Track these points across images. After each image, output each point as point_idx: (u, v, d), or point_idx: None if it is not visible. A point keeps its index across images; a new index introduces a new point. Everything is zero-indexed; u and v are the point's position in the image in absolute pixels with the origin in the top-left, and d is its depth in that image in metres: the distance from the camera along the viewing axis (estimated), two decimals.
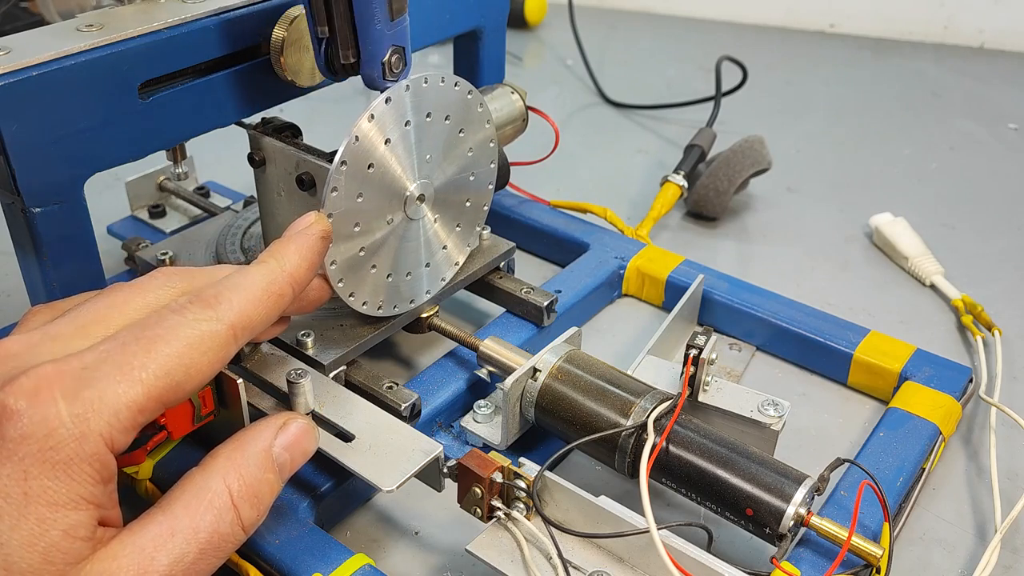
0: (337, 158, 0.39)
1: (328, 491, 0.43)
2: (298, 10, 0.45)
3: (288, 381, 0.41)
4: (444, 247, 0.49)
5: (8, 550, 0.28)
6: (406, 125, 0.43)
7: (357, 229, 0.43)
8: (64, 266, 0.42)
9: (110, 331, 0.33)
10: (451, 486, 0.40)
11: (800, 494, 0.38)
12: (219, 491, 0.32)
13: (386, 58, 0.40)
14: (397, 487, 0.38)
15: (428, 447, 0.40)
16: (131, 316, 0.34)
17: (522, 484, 0.38)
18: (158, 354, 0.31)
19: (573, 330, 0.49)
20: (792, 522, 0.38)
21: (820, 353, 0.54)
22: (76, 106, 0.39)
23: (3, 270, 0.65)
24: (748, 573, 0.36)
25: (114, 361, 0.30)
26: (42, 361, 0.30)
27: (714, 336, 0.45)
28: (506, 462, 0.39)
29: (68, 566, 0.29)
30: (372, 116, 0.40)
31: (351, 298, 0.45)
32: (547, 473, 0.38)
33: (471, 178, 0.49)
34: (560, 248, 0.64)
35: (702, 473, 0.40)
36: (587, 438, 0.42)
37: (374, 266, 0.46)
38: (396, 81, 0.41)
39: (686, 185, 0.70)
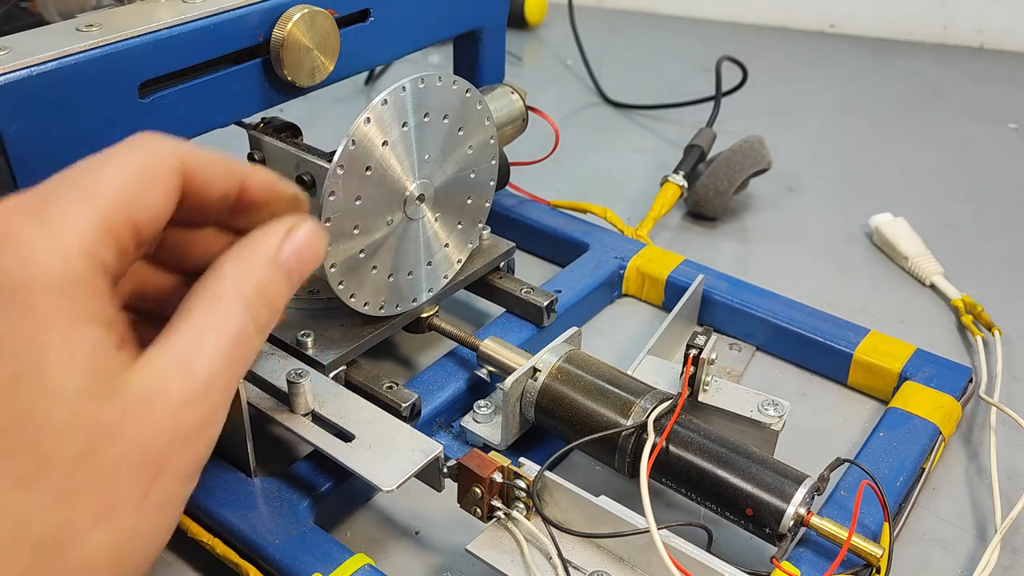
0: (333, 162, 0.39)
1: (328, 491, 0.43)
2: (298, 10, 0.45)
3: (288, 381, 0.41)
4: (446, 245, 0.49)
5: (48, 376, 0.27)
6: (404, 126, 0.42)
7: (356, 231, 0.43)
8: None
9: None
10: (451, 486, 0.40)
11: (800, 494, 0.38)
12: (232, 297, 0.32)
13: None
14: (397, 487, 0.38)
15: (428, 447, 0.40)
16: None
17: (522, 484, 0.38)
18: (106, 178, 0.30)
19: (573, 330, 0.49)
20: (792, 522, 0.38)
21: (820, 353, 0.54)
22: (76, 106, 0.39)
23: None
24: (748, 573, 0.36)
25: (67, 183, 0.30)
26: None
27: (714, 336, 0.45)
28: (506, 462, 0.39)
29: (113, 376, 0.28)
30: (369, 119, 0.40)
31: (352, 299, 0.45)
32: (547, 473, 0.38)
33: (472, 175, 0.49)
34: (560, 248, 0.64)
35: (702, 473, 0.40)
36: (587, 438, 0.42)
37: (375, 267, 0.45)
38: None
39: (686, 185, 0.70)
